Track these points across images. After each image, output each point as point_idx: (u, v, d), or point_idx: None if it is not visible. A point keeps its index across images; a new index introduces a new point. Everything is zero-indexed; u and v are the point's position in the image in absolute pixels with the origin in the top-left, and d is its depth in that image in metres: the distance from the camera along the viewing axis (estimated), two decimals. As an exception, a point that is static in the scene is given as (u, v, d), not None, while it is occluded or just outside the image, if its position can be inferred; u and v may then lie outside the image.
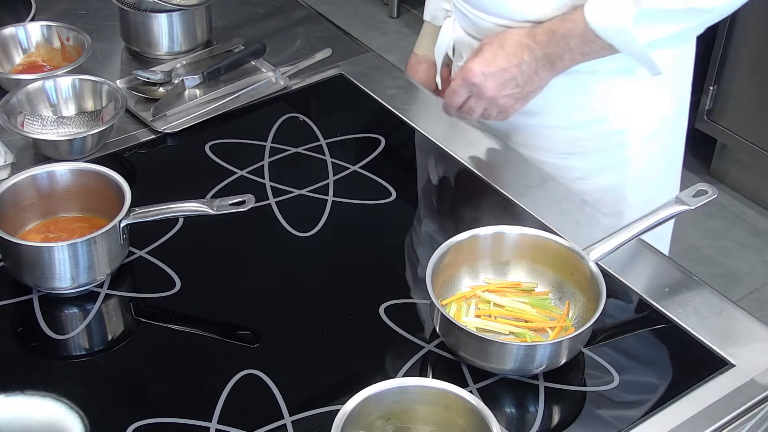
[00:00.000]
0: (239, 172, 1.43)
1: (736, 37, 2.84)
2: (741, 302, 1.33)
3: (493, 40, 1.38)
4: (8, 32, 1.60)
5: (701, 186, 1.24)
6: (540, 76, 1.38)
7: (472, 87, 1.39)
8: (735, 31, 2.83)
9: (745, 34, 2.82)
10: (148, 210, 1.24)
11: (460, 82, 1.40)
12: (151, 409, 1.10)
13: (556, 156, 1.52)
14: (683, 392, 1.13)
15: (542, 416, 1.11)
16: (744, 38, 2.83)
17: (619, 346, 1.19)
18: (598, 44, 1.33)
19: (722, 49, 2.87)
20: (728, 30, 2.83)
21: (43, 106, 1.48)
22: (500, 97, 1.39)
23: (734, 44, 2.86)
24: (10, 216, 1.24)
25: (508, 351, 1.11)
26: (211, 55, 1.66)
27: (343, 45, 1.73)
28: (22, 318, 1.21)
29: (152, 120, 1.51)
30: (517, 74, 1.37)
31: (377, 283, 1.29)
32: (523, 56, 1.36)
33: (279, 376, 1.13)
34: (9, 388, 1.12)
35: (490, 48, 1.38)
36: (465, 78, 1.39)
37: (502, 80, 1.37)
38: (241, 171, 1.43)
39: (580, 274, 1.19)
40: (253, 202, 1.25)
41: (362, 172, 1.45)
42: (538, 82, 1.38)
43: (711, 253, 2.88)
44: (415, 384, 1.03)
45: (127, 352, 1.19)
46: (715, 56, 2.89)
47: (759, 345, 1.19)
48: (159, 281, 1.26)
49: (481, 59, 1.38)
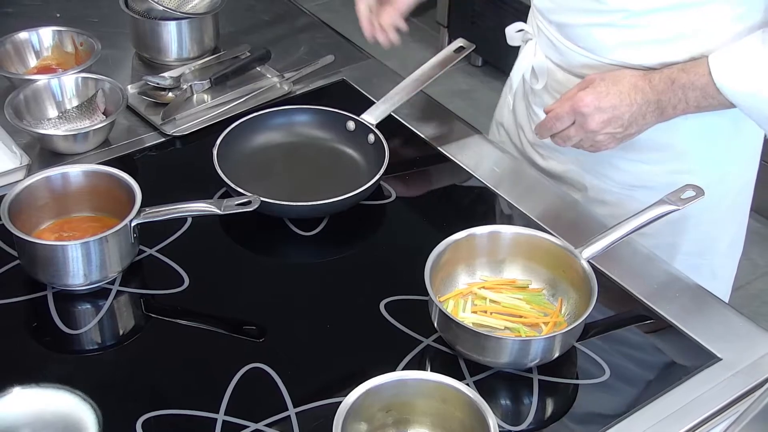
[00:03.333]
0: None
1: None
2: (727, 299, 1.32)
3: (606, 76, 1.32)
4: (23, 36, 1.60)
5: (690, 186, 1.24)
6: (645, 120, 1.31)
7: (578, 116, 1.31)
8: None
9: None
10: (158, 210, 1.24)
11: (567, 109, 1.32)
12: (160, 400, 1.10)
13: (624, 187, 1.47)
14: (672, 385, 1.13)
15: (536, 408, 1.11)
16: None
17: (610, 341, 1.19)
18: (718, 100, 1.27)
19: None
20: None
21: (48, 104, 1.48)
22: (601, 133, 1.31)
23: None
24: (25, 216, 1.24)
25: (504, 345, 1.11)
26: (219, 61, 1.65)
27: (344, 51, 1.73)
28: (36, 314, 1.21)
29: (162, 124, 1.51)
30: (626, 114, 1.30)
31: (377, 280, 1.29)
32: (636, 98, 1.29)
33: (283, 369, 1.13)
34: (24, 381, 1.12)
35: (604, 83, 1.30)
36: (575, 107, 1.31)
37: (610, 117, 1.30)
38: (247, 172, 1.43)
39: (573, 271, 1.18)
40: (259, 202, 1.24)
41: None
42: (642, 126, 1.32)
43: (698, 251, 2.88)
44: (414, 377, 1.03)
45: (138, 347, 1.18)
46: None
47: (744, 340, 1.19)
48: (168, 278, 1.25)
49: (594, 92, 1.30)
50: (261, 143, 1.46)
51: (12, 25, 1.63)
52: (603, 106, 1.29)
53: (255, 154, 1.44)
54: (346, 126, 1.46)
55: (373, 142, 1.42)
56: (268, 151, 1.45)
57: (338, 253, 1.34)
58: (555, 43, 1.42)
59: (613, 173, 1.46)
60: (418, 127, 1.54)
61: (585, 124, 1.31)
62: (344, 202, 1.32)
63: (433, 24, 3.81)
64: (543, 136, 1.38)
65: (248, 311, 1.23)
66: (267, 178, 1.41)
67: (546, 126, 1.36)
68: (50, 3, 1.80)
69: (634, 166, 1.44)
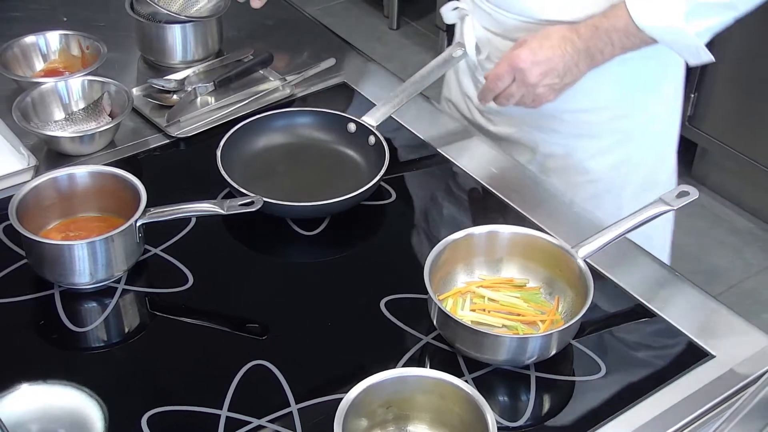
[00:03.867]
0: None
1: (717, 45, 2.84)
2: (721, 297, 1.33)
3: (536, 34, 1.39)
4: (30, 40, 1.60)
5: (683, 188, 1.24)
6: (579, 68, 1.39)
7: (517, 72, 1.38)
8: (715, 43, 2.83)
9: (724, 46, 2.81)
10: (162, 210, 1.24)
11: (506, 68, 1.39)
12: (165, 397, 1.10)
13: (568, 138, 1.54)
14: (666, 382, 1.13)
15: (533, 404, 1.11)
16: (723, 50, 2.82)
17: (605, 339, 1.19)
18: (640, 38, 1.35)
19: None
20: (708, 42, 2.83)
21: (55, 106, 1.49)
22: (540, 86, 1.38)
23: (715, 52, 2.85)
24: (32, 216, 1.24)
25: (502, 343, 1.11)
26: (222, 64, 1.66)
27: (345, 55, 1.73)
28: (44, 312, 1.21)
29: (166, 126, 1.51)
30: (560, 65, 1.37)
31: (378, 279, 1.29)
32: (567, 48, 1.37)
33: (286, 366, 1.13)
34: (32, 378, 1.13)
35: (535, 40, 1.38)
36: (512, 63, 1.38)
37: (546, 69, 1.37)
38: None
39: (569, 270, 1.19)
40: (261, 203, 1.25)
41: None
42: (576, 74, 1.39)
43: (692, 251, 2.88)
44: (414, 374, 1.03)
45: (143, 344, 1.19)
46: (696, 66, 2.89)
47: (737, 337, 1.19)
48: (173, 277, 1.26)
49: (528, 48, 1.38)
50: (263, 145, 1.46)
51: (19, 29, 1.63)
52: (538, 59, 1.37)
53: (258, 155, 1.44)
54: (347, 128, 1.46)
55: (373, 143, 1.43)
56: (271, 153, 1.46)
57: (339, 252, 1.34)
58: (490, 12, 1.49)
59: (558, 125, 1.54)
60: (417, 128, 1.54)
61: (525, 79, 1.38)
62: (345, 202, 1.33)
63: (432, 28, 3.82)
64: (487, 99, 1.45)
65: (251, 309, 1.24)
66: (269, 179, 1.41)
67: (489, 88, 1.43)
68: (57, 7, 1.80)
69: (576, 116, 1.52)
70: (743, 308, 2.65)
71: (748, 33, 2.71)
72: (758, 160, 2.84)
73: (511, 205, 1.39)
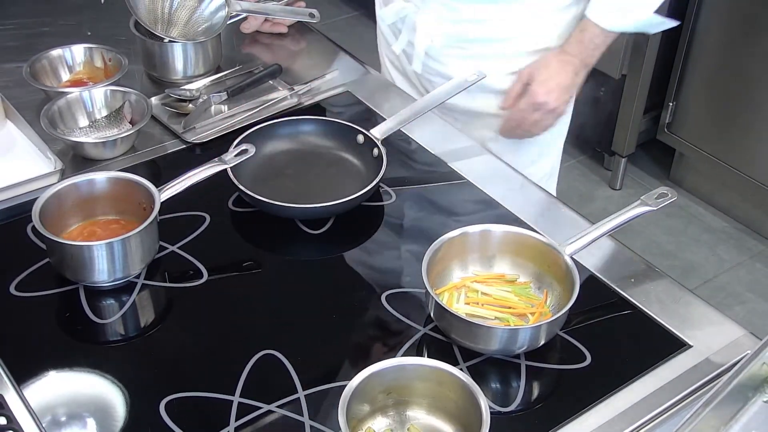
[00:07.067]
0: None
1: (693, 58, 2.84)
2: (697, 291, 1.32)
3: (536, 67, 1.52)
4: (57, 53, 1.60)
5: (663, 190, 1.24)
6: (579, 77, 1.54)
7: (539, 106, 1.52)
8: (692, 53, 2.83)
9: (700, 56, 2.81)
10: (173, 183, 1.25)
11: (526, 107, 1.53)
12: (181, 384, 1.10)
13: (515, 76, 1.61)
14: (647, 370, 1.13)
15: (524, 391, 1.11)
16: (700, 60, 2.82)
17: (591, 330, 1.19)
18: (616, 32, 1.50)
19: (680, 69, 2.87)
20: (686, 52, 2.83)
21: (80, 114, 1.48)
22: (561, 105, 1.53)
23: (691, 65, 2.85)
24: (55, 218, 1.23)
25: (494, 334, 1.11)
26: (235, 75, 1.65)
27: (349, 66, 1.72)
28: (69, 305, 1.21)
29: (183, 132, 1.51)
30: (567, 82, 1.52)
31: (379, 274, 1.29)
32: (566, 68, 1.51)
33: (293, 355, 1.13)
34: (59, 366, 1.12)
35: (539, 73, 1.52)
36: (533, 102, 1.52)
37: (559, 92, 1.51)
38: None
39: (557, 266, 1.18)
40: (254, 150, 1.30)
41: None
42: (579, 82, 1.54)
43: (670, 248, 2.88)
44: (413, 363, 1.03)
45: (161, 335, 1.18)
46: (674, 75, 2.89)
47: (713, 328, 1.19)
48: (188, 273, 1.25)
49: (539, 83, 1.51)
50: (272, 150, 1.45)
51: (48, 43, 1.63)
52: (551, 87, 1.51)
53: (266, 160, 1.44)
54: (356, 139, 1.44)
55: (376, 155, 1.41)
56: (278, 158, 1.45)
57: (343, 249, 1.33)
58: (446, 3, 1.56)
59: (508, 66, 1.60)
60: (416, 134, 1.53)
61: (548, 107, 1.53)
62: (348, 203, 1.32)
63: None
64: (511, 134, 1.59)
65: (261, 303, 1.23)
66: (277, 182, 1.40)
67: (517, 123, 1.57)
68: (82, 23, 1.80)
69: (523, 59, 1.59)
70: (717, 301, 2.65)
71: (723, 46, 2.71)
72: (731, 164, 2.84)
73: (504, 205, 1.38)
